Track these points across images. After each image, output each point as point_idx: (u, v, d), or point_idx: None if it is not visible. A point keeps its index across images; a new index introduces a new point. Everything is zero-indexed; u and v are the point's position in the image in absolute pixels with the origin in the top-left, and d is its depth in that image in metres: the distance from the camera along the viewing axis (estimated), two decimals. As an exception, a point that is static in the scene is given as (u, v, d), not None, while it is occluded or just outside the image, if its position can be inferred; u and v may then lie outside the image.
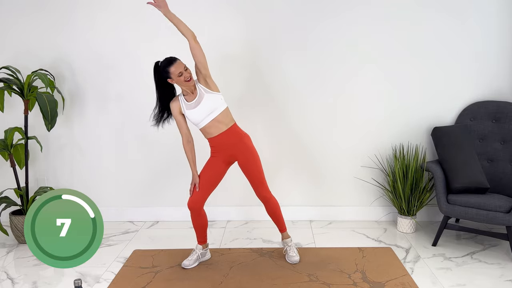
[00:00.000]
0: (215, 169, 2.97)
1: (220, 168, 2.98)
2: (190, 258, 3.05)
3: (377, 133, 3.76)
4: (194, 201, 2.93)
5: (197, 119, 2.87)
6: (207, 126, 2.88)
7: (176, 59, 2.82)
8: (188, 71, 2.81)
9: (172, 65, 2.78)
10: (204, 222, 3.04)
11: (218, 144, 2.93)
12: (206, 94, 2.85)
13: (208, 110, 2.84)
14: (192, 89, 2.87)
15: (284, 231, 3.13)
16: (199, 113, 2.85)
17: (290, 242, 3.13)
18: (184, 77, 2.78)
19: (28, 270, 3.07)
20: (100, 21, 3.68)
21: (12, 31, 3.71)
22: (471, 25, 3.59)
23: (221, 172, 2.99)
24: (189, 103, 2.87)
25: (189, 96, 2.89)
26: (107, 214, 3.85)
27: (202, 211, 3.00)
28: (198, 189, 2.94)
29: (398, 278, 2.83)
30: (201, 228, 3.05)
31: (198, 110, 2.84)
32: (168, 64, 2.80)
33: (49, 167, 3.90)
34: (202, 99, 2.84)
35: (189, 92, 2.87)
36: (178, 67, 2.78)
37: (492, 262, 3.07)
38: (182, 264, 3.02)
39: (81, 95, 3.79)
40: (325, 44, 3.65)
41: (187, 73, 2.79)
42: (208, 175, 2.96)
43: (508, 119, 3.44)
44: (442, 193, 3.24)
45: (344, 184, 3.85)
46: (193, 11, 3.62)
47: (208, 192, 2.97)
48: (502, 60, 3.63)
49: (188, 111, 2.87)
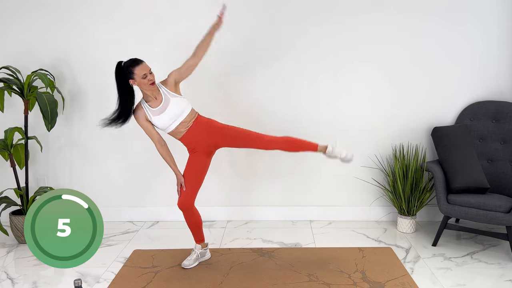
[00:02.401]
0: (197, 164, 2.95)
1: (202, 161, 2.96)
2: (189, 258, 3.05)
3: (377, 133, 3.76)
4: (184, 201, 2.92)
5: (164, 124, 2.83)
6: (176, 128, 2.87)
7: (142, 60, 2.76)
8: (152, 74, 2.75)
9: (138, 65, 2.71)
10: (197, 220, 3.03)
11: (190, 139, 2.91)
12: (172, 99, 2.82)
13: (176, 115, 2.82)
14: (155, 94, 2.82)
15: (316, 148, 2.98)
16: (167, 118, 2.81)
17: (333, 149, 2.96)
18: (148, 79, 2.72)
19: (28, 270, 3.07)
20: (100, 21, 3.68)
21: (12, 31, 3.71)
22: (471, 26, 3.59)
23: (204, 166, 2.98)
24: (154, 109, 2.82)
25: (152, 102, 2.83)
26: (107, 214, 3.85)
27: (194, 209, 2.99)
28: (185, 188, 2.93)
29: (398, 278, 2.83)
30: (196, 226, 3.04)
31: (166, 115, 2.81)
32: (133, 64, 2.73)
33: (49, 167, 3.90)
34: (169, 103, 2.80)
35: (152, 97, 2.82)
36: (143, 68, 2.71)
37: (492, 262, 3.07)
38: (182, 264, 3.02)
39: (81, 95, 3.80)
40: (325, 44, 3.65)
41: (151, 76, 2.74)
42: (192, 173, 2.95)
43: (508, 119, 3.44)
44: (442, 193, 3.24)
45: (344, 184, 3.85)
46: (189, 12, 3.63)
47: (196, 189, 2.96)
48: (502, 60, 3.63)
49: (155, 117, 2.83)
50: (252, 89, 3.74)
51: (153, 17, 3.67)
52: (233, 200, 3.89)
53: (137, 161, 3.87)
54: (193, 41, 3.40)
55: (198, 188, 2.97)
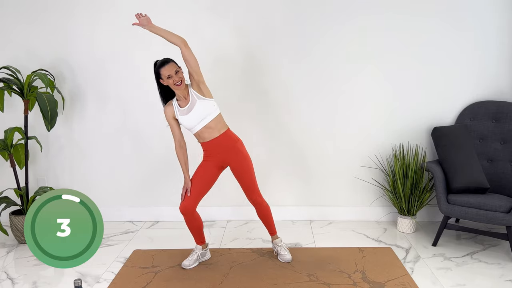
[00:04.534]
0: (207, 173, 2.96)
1: (212, 172, 2.97)
2: (190, 258, 3.05)
3: (377, 133, 3.76)
4: (186, 206, 2.91)
5: (189, 124, 2.87)
6: (201, 131, 2.89)
7: (169, 61, 2.80)
8: (178, 74, 2.77)
9: (163, 66, 2.78)
10: (199, 224, 3.02)
11: (211, 148, 2.93)
12: (198, 100, 2.84)
13: (200, 117, 2.84)
14: (185, 94, 2.86)
15: (274, 234, 3.15)
16: (191, 119, 2.84)
17: (280, 242, 3.14)
18: (173, 80, 2.76)
19: (28, 270, 3.07)
20: (100, 21, 3.68)
21: (12, 31, 3.71)
22: (471, 26, 3.59)
23: (213, 177, 2.99)
24: (182, 108, 2.87)
25: (182, 101, 2.88)
26: (107, 214, 3.85)
27: (195, 214, 2.98)
28: (190, 193, 2.93)
29: (398, 278, 2.83)
30: (197, 230, 3.05)
31: (190, 116, 2.84)
32: (160, 65, 2.80)
33: (49, 167, 3.90)
34: (194, 105, 2.83)
35: (182, 97, 2.87)
36: (168, 69, 2.76)
37: (492, 262, 3.07)
38: (182, 264, 3.02)
39: (81, 95, 3.80)
40: (325, 45, 3.65)
41: (176, 77, 2.76)
42: (200, 179, 2.95)
43: (508, 119, 3.44)
44: (442, 193, 3.24)
45: (344, 184, 3.85)
46: (186, 12, 3.63)
47: (200, 196, 2.96)
48: (502, 60, 3.63)
49: (181, 116, 2.87)
50: (252, 88, 3.73)
51: (153, 17, 3.66)
52: (233, 200, 3.89)
53: (137, 161, 3.87)
54: (193, 40, 3.40)
55: (202, 195, 2.98)
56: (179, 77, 2.77)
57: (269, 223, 3.11)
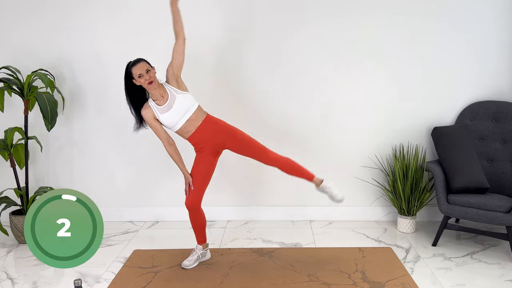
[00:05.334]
0: (204, 163, 2.95)
1: (209, 161, 2.95)
2: (190, 258, 3.05)
3: (377, 133, 3.76)
4: (192, 201, 2.93)
5: (171, 121, 2.84)
6: (183, 126, 2.87)
7: (141, 60, 2.78)
8: (150, 73, 2.75)
9: (134, 66, 2.75)
10: (203, 221, 3.04)
11: (198, 139, 2.91)
12: (177, 96, 2.83)
13: (182, 112, 2.83)
14: (161, 92, 2.83)
15: (312, 178, 3.01)
16: (173, 116, 2.82)
17: (328, 184, 3.01)
18: (144, 79, 2.74)
19: (28, 270, 3.07)
20: (100, 21, 3.68)
21: (12, 31, 3.71)
22: (471, 26, 3.59)
23: (211, 165, 2.97)
24: (161, 107, 2.84)
25: (159, 100, 2.85)
26: (107, 214, 3.85)
27: (200, 210, 3.00)
28: (193, 187, 2.93)
29: (398, 278, 2.83)
30: (200, 227, 3.05)
31: (172, 113, 2.82)
32: (132, 65, 2.78)
33: (49, 167, 3.90)
34: (175, 101, 2.82)
35: (159, 95, 2.83)
36: (139, 68, 2.74)
37: (492, 262, 3.07)
38: (182, 264, 3.02)
39: (81, 95, 3.80)
40: (325, 44, 3.65)
41: (147, 75, 2.74)
42: (199, 172, 2.95)
43: (508, 119, 3.44)
44: (442, 193, 3.24)
45: (344, 184, 3.84)
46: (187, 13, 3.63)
47: (203, 188, 2.96)
48: (502, 60, 3.63)
49: (162, 115, 2.84)
50: (252, 87, 3.73)
51: (153, 17, 3.67)
52: (233, 200, 3.89)
53: (137, 161, 3.87)
54: (193, 39, 3.40)
55: (205, 187, 2.98)
56: (149, 76, 2.75)
57: (301, 172, 2.97)
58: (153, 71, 2.80)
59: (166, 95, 2.84)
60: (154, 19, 3.67)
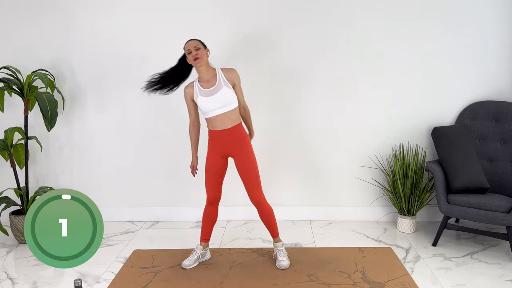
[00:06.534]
0: (217, 165, 2.98)
1: (220, 163, 2.98)
2: (190, 258, 3.05)
3: (377, 133, 3.76)
4: (214, 197, 3.02)
5: (208, 107, 2.86)
6: (214, 118, 2.88)
7: (194, 39, 2.91)
8: (198, 51, 2.83)
9: (187, 42, 2.88)
10: (215, 217, 3.10)
11: (218, 138, 2.93)
12: (224, 87, 2.85)
13: (222, 103, 2.85)
14: (209, 76, 2.88)
15: (276, 237, 3.09)
16: (212, 103, 2.84)
17: (281, 246, 3.08)
18: (192, 55, 2.83)
19: (28, 270, 3.07)
20: (100, 21, 3.68)
21: (12, 31, 3.71)
22: (471, 26, 3.59)
23: (223, 167, 3.01)
24: (204, 89, 2.87)
25: (204, 83, 2.89)
26: (107, 214, 3.86)
27: (217, 207, 3.08)
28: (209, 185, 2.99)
29: (398, 278, 2.83)
30: (210, 224, 3.09)
31: (212, 100, 2.84)
32: (186, 42, 2.90)
33: (49, 167, 3.90)
34: (219, 91, 2.84)
35: (205, 79, 2.89)
36: (189, 44, 2.86)
37: (492, 262, 3.07)
38: (182, 264, 3.02)
39: (81, 95, 3.80)
40: (324, 44, 3.65)
41: (195, 52, 2.82)
42: (213, 174, 2.98)
43: (508, 119, 3.44)
44: (442, 193, 3.24)
45: (344, 184, 3.85)
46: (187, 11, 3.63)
47: (221, 186, 3.04)
48: (502, 60, 3.63)
49: (202, 97, 2.86)
50: (252, 87, 3.73)
51: (153, 17, 3.67)
52: (233, 200, 3.89)
53: (137, 161, 3.87)
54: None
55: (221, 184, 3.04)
56: (197, 53, 2.82)
57: (271, 226, 3.05)
58: (204, 51, 2.86)
59: (213, 81, 2.88)
60: (154, 19, 3.67)
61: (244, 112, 3.05)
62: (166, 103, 3.74)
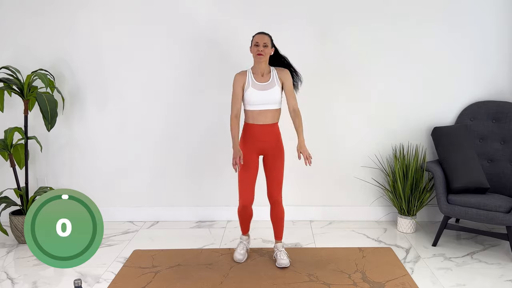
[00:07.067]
0: (254, 163, 2.95)
1: (255, 161, 2.97)
2: (240, 252, 3.11)
3: (377, 133, 3.76)
4: (248, 200, 2.98)
5: (254, 100, 2.85)
6: (258, 112, 2.88)
7: (266, 34, 2.86)
8: (266, 50, 2.81)
9: (259, 34, 2.85)
10: (252, 214, 3.09)
11: (257, 133, 2.91)
12: (276, 86, 2.87)
13: (271, 100, 2.86)
14: (264, 71, 2.88)
15: (279, 239, 3.11)
16: (262, 97, 2.85)
17: (282, 247, 3.09)
18: (257, 49, 2.81)
19: (28, 270, 3.07)
20: (100, 21, 3.68)
21: (12, 31, 3.71)
22: (471, 26, 3.59)
23: (257, 164, 2.98)
24: (257, 82, 2.87)
25: (258, 76, 2.89)
26: (107, 214, 3.86)
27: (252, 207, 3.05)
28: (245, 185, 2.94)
29: (398, 278, 2.83)
30: (249, 220, 3.11)
31: (263, 95, 2.84)
32: (258, 33, 2.88)
33: (49, 167, 3.90)
34: (273, 87, 2.86)
35: (259, 73, 2.88)
36: (260, 38, 2.82)
37: (492, 262, 3.08)
38: (236, 259, 3.07)
39: (81, 95, 3.79)
40: (324, 43, 3.65)
41: (262, 48, 2.80)
42: (249, 173, 2.95)
43: (508, 119, 3.44)
44: (442, 193, 3.24)
45: (344, 184, 3.85)
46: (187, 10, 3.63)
47: (254, 187, 2.99)
48: (502, 60, 3.63)
49: (252, 89, 2.86)
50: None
51: (153, 17, 3.67)
52: (233, 200, 3.88)
53: (137, 161, 3.87)
54: (192, 39, 3.41)
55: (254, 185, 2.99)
56: (262, 49, 2.81)
57: (278, 227, 3.08)
58: (269, 49, 2.85)
59: (267, 77, 2.89)
60: (154, 19, 3.67)
61: (295, 114, 2.95)
62: (166, 103, 3.75)
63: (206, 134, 3.79)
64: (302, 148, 2.83)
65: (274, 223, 3.08)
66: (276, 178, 2.97)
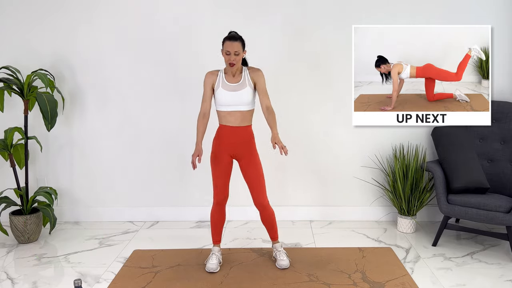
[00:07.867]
0: (225, 162, 2.92)
1: (228, 160, 2.93)
2: (212, 262, 2.97)
3: (377, 133, 3.76)
4: (221, 197, 2.95)
5: (224, 101, 2.81)
6: (229, 113, 2.83)
7: (238, 39, 2.73)
8: (238, 58, 2.74)
9: (230, 41, 2.72)
10: (224, 218, 3.05)
11: (228, 135, 2.87)
12: (248, 87, 2.82)
13: (241, 101, 2.80)
14: (235, 73, 2.83)
15: (275, 239, 3.09)
16: (232, 99, 2.80)
17: (280, 247, 3.06)
18: (229, 58, 2.73)
19: (28, 270, 3.07)
20: (100, 21, 3.68)
21: (12, 31, 3.71)
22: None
23: (231, 163, 2.95)
24: (228, 83, 2.82)
25: (229, 77, 2.84)
26: (107, 214, 3.86)
27: (225, 207, 3.01)
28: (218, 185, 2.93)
29: (398, 278, 2.83)
30: (221, 226, 3.05)
31: (233, 96, 2.79)
32: (228, 38, 2.75)
33: (49, 167, 3.90)
34: (243, 88, 2.81)
35: (231, 74, 2.83)
36: (230, 46, 2.71)
37: (492, 262, 3.07)
38: (208, 269, 2.93)
39: (81, 95, 3.80)
40: (323, 43, 3.65)
41: (233, 56, 2.72)
42: (222, 170, 2.93)
43: (508, 119, 3.44)
44: (442, 193, 3.24)
45: (344, 184, 3.85)
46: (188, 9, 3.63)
47: (227, 186, 2.97)
48: (502, 60, 3.62)
49: (222, 89, 2.81)
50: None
51: (153, 17, 3.67)
52: (233, 200, 3.87)
53: (137, 161, 3.87)
54: (192, 40, 3.40)
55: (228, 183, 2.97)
56: (234, 58, 2.73)
57: (271, 229, 3.05)
58: (241, 56, 2.77)
59: (238, 78, 2.83)
60: (154, 20, 3.67)
61: (268, 112, 2.86)
62: (165, 103, 3.75)
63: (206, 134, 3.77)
64: (276, 139, 2.74)
65: (266, 226, 3.05)
66: (255, 183, 2.91)
